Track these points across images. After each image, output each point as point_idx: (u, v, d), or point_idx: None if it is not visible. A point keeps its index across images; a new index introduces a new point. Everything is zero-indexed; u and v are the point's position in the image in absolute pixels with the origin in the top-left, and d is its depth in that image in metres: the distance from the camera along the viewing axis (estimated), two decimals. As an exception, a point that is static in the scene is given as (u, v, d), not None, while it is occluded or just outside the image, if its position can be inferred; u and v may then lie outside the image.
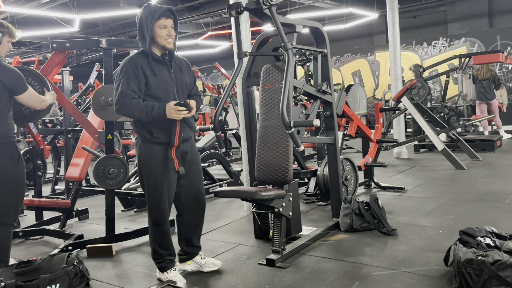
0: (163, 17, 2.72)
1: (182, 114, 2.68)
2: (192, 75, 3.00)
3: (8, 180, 2.96)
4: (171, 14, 2.77)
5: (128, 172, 3.85)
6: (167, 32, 2.73)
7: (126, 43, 4.26)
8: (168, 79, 2.80)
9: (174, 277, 2.85)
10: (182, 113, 2.68)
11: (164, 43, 2.75)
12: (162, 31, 2.72)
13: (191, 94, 3.00)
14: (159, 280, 2.91)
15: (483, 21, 11.69)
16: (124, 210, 5.05)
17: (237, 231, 3.98)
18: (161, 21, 2.72)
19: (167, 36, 2.73)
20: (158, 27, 2.72)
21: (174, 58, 2.85)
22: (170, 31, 2.75)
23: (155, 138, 2.76)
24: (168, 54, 2.83)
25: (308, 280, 2.78)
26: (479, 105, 8.90)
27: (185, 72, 2.91)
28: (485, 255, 2.32)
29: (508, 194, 4.50)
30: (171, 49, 2.79)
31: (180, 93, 2.86)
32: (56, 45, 3.76)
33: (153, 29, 2.71)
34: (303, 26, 3.43)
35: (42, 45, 14.01)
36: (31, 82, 3.55)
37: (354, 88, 10.62)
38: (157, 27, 2.71)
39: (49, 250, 3.67)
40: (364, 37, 13.86)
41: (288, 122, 2.85)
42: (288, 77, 2.98)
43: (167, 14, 2.73)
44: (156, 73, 2.75)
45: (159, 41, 2.74)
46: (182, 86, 2.88)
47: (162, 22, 2.72)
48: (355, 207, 3.65)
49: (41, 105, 3.16)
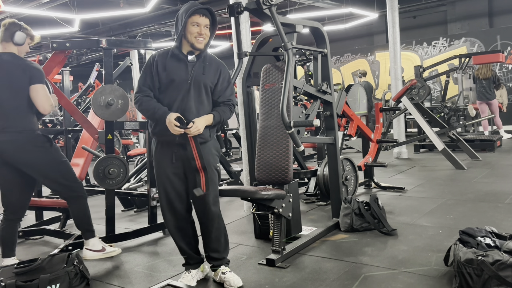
0: (197, 14, 2.61)
1: (176, 131, 2.55)
2: (222, 80, 2.76)
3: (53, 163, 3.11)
4: (209, 14, 2.65)
5: (128, 172, 3.85)
6: (198, 30, 2.62)
7: (126, 43, 4.26)
8: (182, 77, 2.67)
9: (183, 279, 2.83)
10: (176, 130, 2.55)
11: (193, 41, 2.64)
12: (194, 28, 2.62)
13: (218, 101, 2.77)
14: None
15: (483, 21, 11.69)
16: (124, 210, 5.06)
17: (237, 231, 3.98)
18: (195, 17, 2.61)
19: (197, 34, 2.62)
20: (191, 23, 2.62)
21: (201, 58, 2.71)
22: (202, 30, 2.63)
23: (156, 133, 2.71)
24: (196, 53, 2.70)
25: (308, 280, 2.78)
26: (480, 105, 8.91)
27: (209, 74, 2.72)
28: (485, 255, 2.32)
29: (508, 194, 4.50)
30: (200, 49, 2.67)
31: (193, 95, 2.68)
32: (56, 45, 3.76)
33: (186, 24, 2.62)
34: (303, 26, 3.42)
35: (42, 45, 13.98)
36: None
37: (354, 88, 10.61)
38: (189, 23, 2.62)
39: (49, 250, 3.67)
40: (364, 37, 13.86)
41: (288, 122, 2.85)
42: (288, 77, 2.98)
43: (203, 12, 2.63)
44: (167, 69, 2.67)
45: (189, 38, 2.64)
46: (199, 88, 2.69)
47: (195, 19, 2.61)
48: (355, 207, 3.65)
49: (47, 107, 3.09)
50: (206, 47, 2.71)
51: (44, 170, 3.09)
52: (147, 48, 4.02)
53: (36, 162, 3.05)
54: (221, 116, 2.73)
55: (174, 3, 10.79)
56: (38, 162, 3.05)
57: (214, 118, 2.69)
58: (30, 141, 3.03)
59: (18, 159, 3.01)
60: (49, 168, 3.10)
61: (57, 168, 3.14)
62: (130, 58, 9.81)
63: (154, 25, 12.11)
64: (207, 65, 2.72)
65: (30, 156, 3.02)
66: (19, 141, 3.00)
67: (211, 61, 2.76)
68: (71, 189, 3.18)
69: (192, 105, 2.68)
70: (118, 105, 3.65)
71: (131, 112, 14.19)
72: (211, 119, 2.68)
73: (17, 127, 3.00)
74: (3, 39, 3.07)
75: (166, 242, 3.81)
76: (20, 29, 3.09)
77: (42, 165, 3.08)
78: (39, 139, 3.08)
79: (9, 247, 3.15)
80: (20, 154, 3.00)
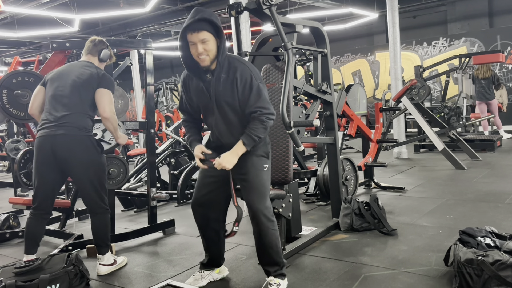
0: (188, 33, 2.35)
1: (200, 165, 2.52)
2: (241, 87, 2.42)
3: (100, 168, 3.14)
4: (201, 25, 2.32)
5: (128, 172, 3.86)
6: (195, 50, 2.37)
7: (126, 43, 4.27)
8: (205, 100, 2.52)
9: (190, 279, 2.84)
10: (200, 165, 2.52)
11: (199, 61, 2.41)
12: (192, 48, 2.39)
13: (246, 114, 2.47)
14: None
15: (483, 21, 11.68)
16: (124, 210, 5.06)
17: (237, 231, 3.97)
18: (188, 37, 2.37)
19: (197, 54, 2.37)
20: (189, 43, 2.39)
21: (216, 73, 2.44)
22: (199, 48, 2.34)
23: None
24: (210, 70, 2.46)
25: (308, 280, 2.78)
26: (479, 105, 8.90)
27: (226, 89, 2.45)
28: (485, 255, 2.32)
29: (508, 194, 4.50)
30: (207, 66, 2.41)
31: (219, 117, 2.51)
32: (56, 45, 3.76)
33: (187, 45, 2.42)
34: (303, 26, 3.42)
35: (42, 45, 14.00)
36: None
37: (354, 88, 10.62)
38: (189, 44, 2.39)
39: (49, 250, 3.67)
40: (364, 37, 13.85)
41: (288, 122, 2.85)
42: (288, 77, 2.98)
43: (193, 27, 2.33)
44: (191, 91, 2.57)
45: (195, 59, 2.42)
46: (221, 107, 2.48)
47: (189, 39, 2.37)
48: (355, 207, 3.65)
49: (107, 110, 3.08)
50: (215, 60, 2.42)
51: (88, 172, 3.08)
52: (147, 48, 4.02)
53: (85, 162, 3.05)
54: (252, 137, 2.42)
55: (174, 3, 10.79)
56: (86, 163, 3.06)
57: (245, 145, 2.42)
58: (85, 139, 3.06)
59: (69, 155, 3.01)
60: (94, 172, 3.09)
61: (100, 175, 3.14)
62: (130, 58, 9.80)
63: (154, 25, 12.11)
64: (223, 78, 2.44)
65: (82, 154, 3.03)
66: (76, 137, 3.02)
67: (228, 70, 2.44)
68: (103, 201, 3.15)
69: (223, 128, 2.54)
70: (118, 105, 3.65)
71: (131, 112, 14.20)
72: (242, 148, 2.43)
73: (77, 124, 3.03)
74: (89, 52, 3.26)
75: (166, 242, 3.81)
76: (106, 48, 3.31)
77: (89, 167, 3.07)
78: (94, 141, 3.13)
79: (33, 243, 3.16)
80: (73, 149, 3.01)
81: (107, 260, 3.19)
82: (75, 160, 3.03)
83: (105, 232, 3.20)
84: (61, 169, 3.08)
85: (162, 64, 18.03)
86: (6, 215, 4.44)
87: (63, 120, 3.01)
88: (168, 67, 18.22)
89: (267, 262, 2.61)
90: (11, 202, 4.14)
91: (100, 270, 3.15)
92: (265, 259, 2.61)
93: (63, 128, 3.00)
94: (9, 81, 3.90)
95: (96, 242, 3.19)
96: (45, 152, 3.01)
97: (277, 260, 2.59)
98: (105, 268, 3.16)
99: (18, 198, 4.27)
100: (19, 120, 4.01)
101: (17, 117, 3.96)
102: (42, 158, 3.03)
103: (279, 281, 2.57)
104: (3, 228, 4.31)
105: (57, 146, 2.99)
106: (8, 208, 4.90)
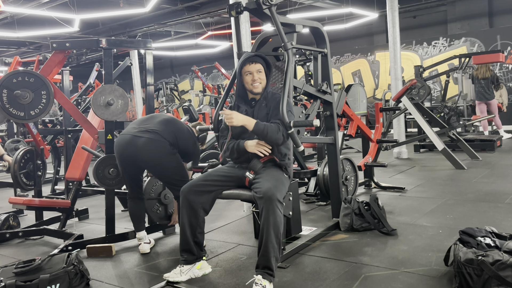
0: (247, 63, 2.90)
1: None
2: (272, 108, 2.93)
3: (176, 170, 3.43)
4: (259, 59, 2.92)
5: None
6: (251, 77, 2.89)
7: (126, 43, 4.27)
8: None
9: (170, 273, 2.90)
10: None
11: (251, 88, 2.92)
12: (247, 77, 2.91)
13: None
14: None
15: (483, 21, 11.68)
16: (124, 210, 5.05)
17: (237, 231, 3.98)
18: (246, 67, 2.90)
19: (252, 81, 2.89)
20: (244, 73, 2.91)
21: (260, 100, 2.96)
22: (255, 76, 2.89)
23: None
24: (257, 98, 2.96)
25: (308, 280, 2.78)
26: (479, 105, 8.90)
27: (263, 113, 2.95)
28: (485, 255, 2.32)
29: (508, 194, 4.50)
30: (259, 93, 2.94)
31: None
32: (56, 45, 3.76)
33: (241, 76, 2.93)
34: (303, 26, 3.42)
35: (42, 45, 14.00)
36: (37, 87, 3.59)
37: (354, 88, 10.62)
38: (244, 74, 2.92)
39: (49, 250, 3.67)
40: (364, 37, 13.85)
41: (288, 122, 2.85)
42: (288, 77, 2.98)
43: (252, 59, 2.90)
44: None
45: (247, 87, 2.94)
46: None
47: (246, 69, 2.90)
48: (355, 207, 3.65)
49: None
50: (265, 90, 2.95)
51: (168, 173, 3.40)
52: (147, 48, 4.02)
53: (166, 166, 3.37)
54: (266, 127, 2.75)
55: (174, 3, 10.79)
56: (167, 166, 3.37)
57: (256, 124, 2.74)
58: (166, 145, 3.35)
59: (149, 158, 3.30)
60: (173, 173, 3.40)
61: (179, 171, 3.44)
62: (130, 58, 9.80)
63: (154, 25, 12.11)
64: (266, 105, 2.94)
65: (161, 159, 3.33)
66: (158, 142, 3.32)
67: (271, 99, 2.95)
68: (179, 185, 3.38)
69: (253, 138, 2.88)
70: (118, 105, 3.65)
71: (131, 112, 14.20)
72: (252, 122, 2.74)
73: (160, 130, 3.36)
74: None
75: (166, 242, 3.81)
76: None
77: (169, 169, 3.38)
78: (172, 147, 3.40)
79: (139, 222, 3.58)
80: (154, 153, 3.30)
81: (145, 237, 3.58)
82: (153, 164, 3.40)
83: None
84: (139, 167, 3.51)
85: (162, 64, 18.04)
86: (6, 215, 4.44)
87: (147, 127, 3.44)
88: (168, 67, 18.23)
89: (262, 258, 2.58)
90: (11, 202, 4.15)
91: (144, 248, 3.51)
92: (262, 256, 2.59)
93: (148, 133, 3.39)
94: (9, 81, 3.89)
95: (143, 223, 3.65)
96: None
97: (271, 264, 2.57)
98: (148, 246, 3.54)
99: (18, 198, 4.28)
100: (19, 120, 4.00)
101: (17, 117, 3.95)
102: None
103: (265, 282, 2.54)
104: (3, 228, 4.31)
105: (139, 150, 3.34)
106: (8, 208, 4.89)
